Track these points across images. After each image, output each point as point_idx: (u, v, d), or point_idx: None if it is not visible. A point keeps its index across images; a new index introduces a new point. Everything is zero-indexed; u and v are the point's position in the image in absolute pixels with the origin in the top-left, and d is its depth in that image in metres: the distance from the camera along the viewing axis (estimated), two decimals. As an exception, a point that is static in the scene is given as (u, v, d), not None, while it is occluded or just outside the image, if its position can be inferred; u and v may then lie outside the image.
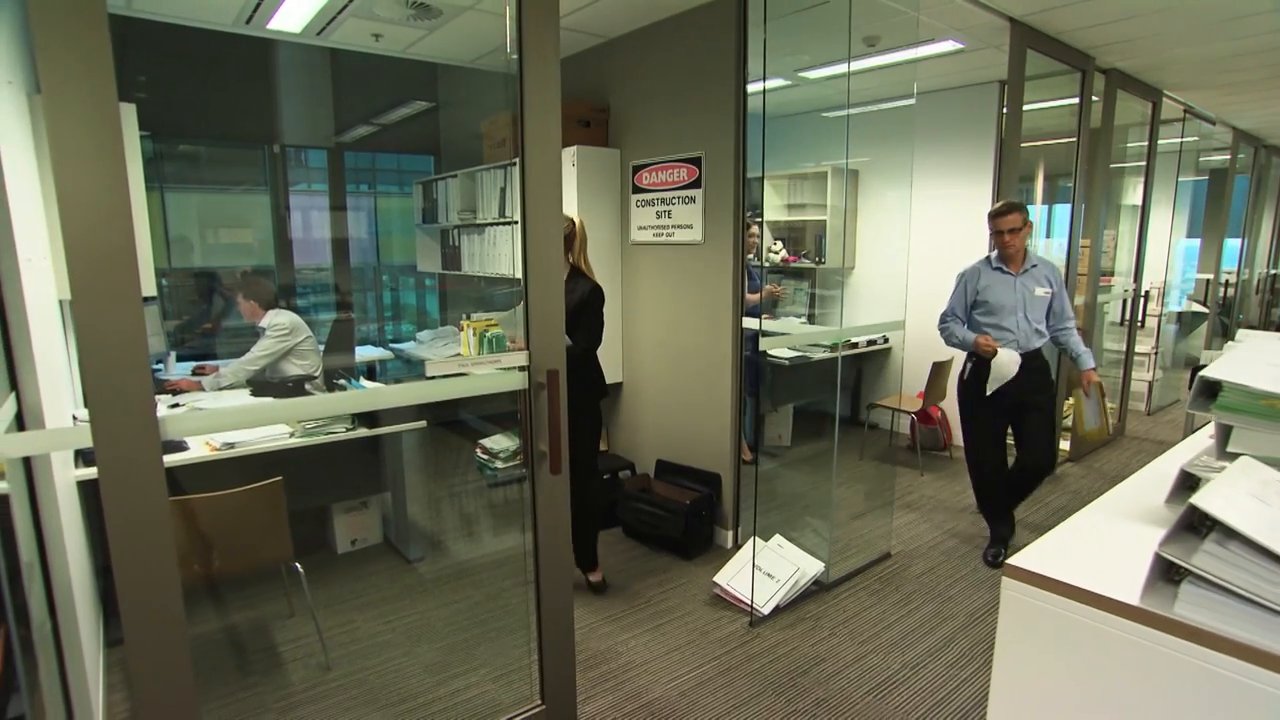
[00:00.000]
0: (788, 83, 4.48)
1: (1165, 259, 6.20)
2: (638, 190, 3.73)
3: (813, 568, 2.99)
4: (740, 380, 3.33)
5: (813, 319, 5.40)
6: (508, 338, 3.67)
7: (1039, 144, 4.86)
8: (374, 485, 3.37)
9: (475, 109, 4.67)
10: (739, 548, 3.24)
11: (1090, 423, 4.95)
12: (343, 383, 3.39)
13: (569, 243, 2.79)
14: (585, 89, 3.97)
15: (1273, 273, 9.11)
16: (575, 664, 2.18)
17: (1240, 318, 8.06)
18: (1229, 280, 7.77)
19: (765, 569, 2.93)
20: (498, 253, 4.37)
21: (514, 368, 1.91)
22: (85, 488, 2.37)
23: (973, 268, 3.23)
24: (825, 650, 2.62)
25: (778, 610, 2.86)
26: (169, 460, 1.53)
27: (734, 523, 3.44)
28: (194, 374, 3.74)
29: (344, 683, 2.43)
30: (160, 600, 1.42)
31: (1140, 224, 5.27)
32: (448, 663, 2.55)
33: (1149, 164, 5.13)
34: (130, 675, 1.55)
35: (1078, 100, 4.16)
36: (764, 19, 2.94)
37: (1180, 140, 5.72)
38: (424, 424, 3.26)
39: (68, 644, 1.87)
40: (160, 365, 3.99)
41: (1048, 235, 5.69)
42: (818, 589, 3.04)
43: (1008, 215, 3.06)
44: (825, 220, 5.33)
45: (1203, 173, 7.40)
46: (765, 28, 2.94)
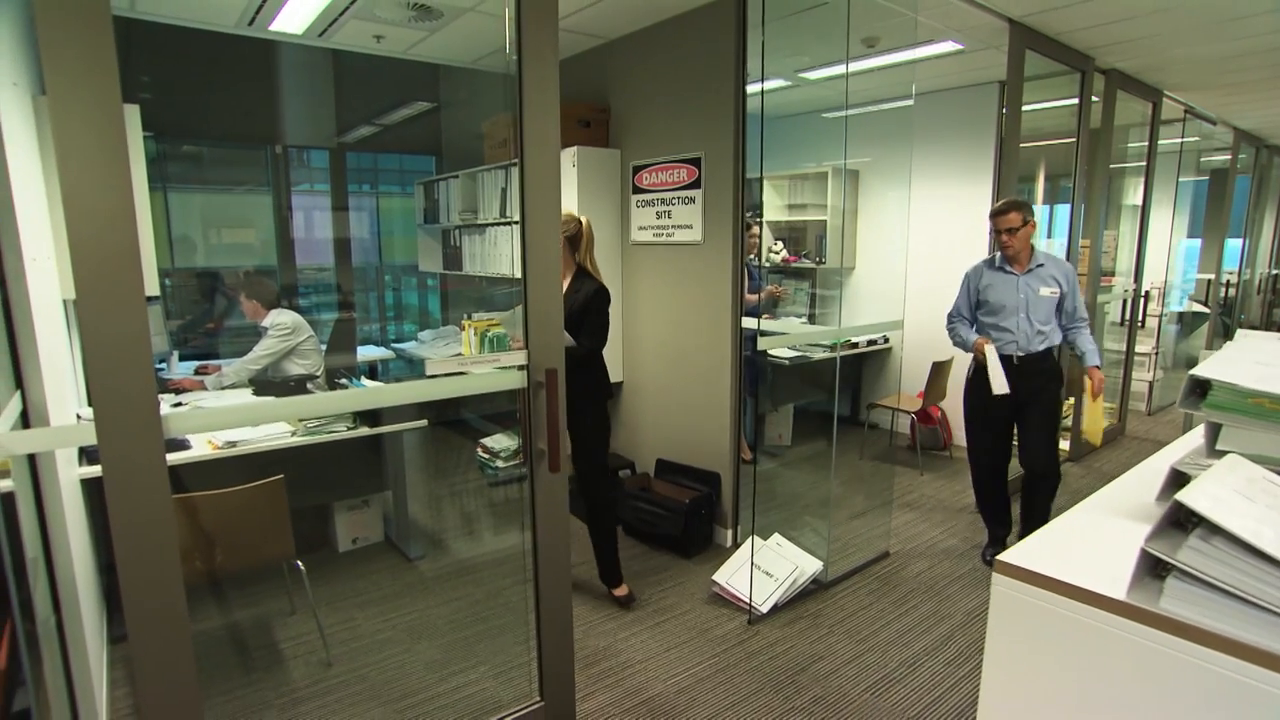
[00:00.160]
0: (787, 83, 4.49)
1: (1166, 259, 6.19)
2: (638, 190, 3.74)
3: (811, 566, 3.00)
4: (740, 380, 3.34)
5: (813, 319, 5.40)
6: (510, 338, 3.68)
7: (1039, 144, 4.85)
8: (375, 484, 3.39)
9: (476, 110, 4.69)
10: (738, 546, 3.25)
11: (1091, 425, 4.92)
12: (344, 382, 3.41)
13: (576, 243, 2.74)
14: (585, 90, 3.99)
15: (1274, 273, 9.10)
16: (574, 661, 2.19)
17: (1242, 318, 8.06)
18: (1230, 280, 7.76)
19: (764, 568, 2.94)
20: (499, 253, 4.38)
21: (513, 367, 1.92)
22: (89, 485, 2.39)
23: (976, 267, 3.21)
24: (823, 648, 2.63)
25: (776, 608, 2.87)
26: (172, 458, 1.54)
27: (733, 521, 3.45)
28: (197, 373, 3.77)
29: (345, 679, 2.45)
30: (163, 597, 1.44)
31: (1140, 224, 5.27)
32: (448, 659, 2.56)
33: (1149, 164, 5.13)
34: (133, 671, 1.57)
35: (1077, 101, 4.15)
36: (763, 20, 2.95)
37: (1181, 140, 5.72)
38: (425, 423, 3.27)
39: (72, 640, 1.89)
40: (163, 364, 4.02)
41: (1048, 235, 5.68)
42: (816, 588, 3.05)
43: (1006, 214, 3.03)
44: (825, 220, 5.34)
45: (1203, 173, 7.40)
46: (764, 29, 2.94)
